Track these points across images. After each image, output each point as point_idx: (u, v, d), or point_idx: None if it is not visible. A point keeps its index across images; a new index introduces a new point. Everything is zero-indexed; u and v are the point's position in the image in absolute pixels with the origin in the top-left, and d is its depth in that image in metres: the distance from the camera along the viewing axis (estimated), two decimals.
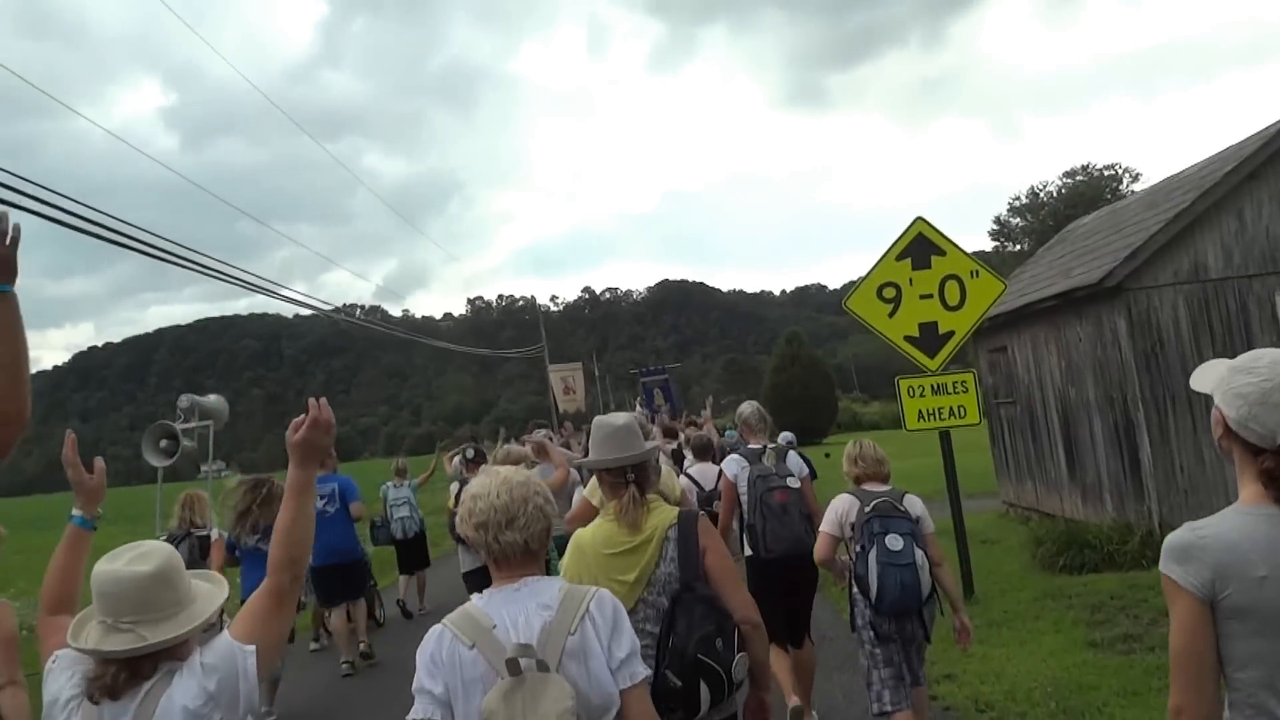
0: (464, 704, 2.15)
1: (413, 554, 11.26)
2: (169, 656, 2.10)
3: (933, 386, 9.43)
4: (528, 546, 2.32)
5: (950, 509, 9.57)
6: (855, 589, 4.68)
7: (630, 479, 3.14)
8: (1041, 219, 63.41)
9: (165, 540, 5.75)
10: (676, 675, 2.79)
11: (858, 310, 9.63)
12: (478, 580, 7.29)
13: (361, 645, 8.95)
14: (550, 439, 9.91)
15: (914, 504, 4.67)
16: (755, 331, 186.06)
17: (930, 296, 9.31)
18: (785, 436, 11.60)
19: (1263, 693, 1.83)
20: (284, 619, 2.29)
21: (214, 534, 6.87)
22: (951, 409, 9.39)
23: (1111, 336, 10.22)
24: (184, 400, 9.61)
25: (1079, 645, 7.37)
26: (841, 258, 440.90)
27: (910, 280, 9.36)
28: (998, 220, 68.58)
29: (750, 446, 5.93)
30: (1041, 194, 65.43)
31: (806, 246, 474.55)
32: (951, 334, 9.34)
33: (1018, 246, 68.06)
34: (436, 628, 2.28)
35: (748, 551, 5.71)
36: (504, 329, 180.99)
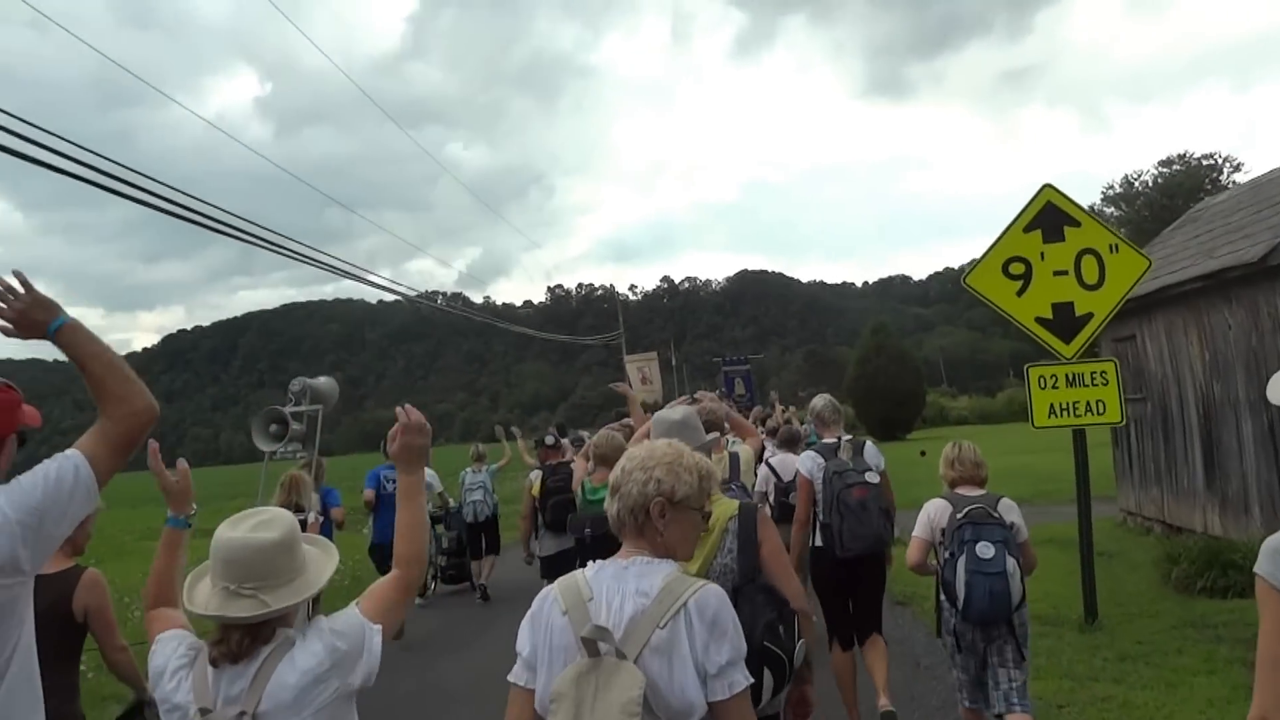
0: (548, 670, 2.14)
1: (484, 537, 11.59)
2: (283, 622, 2.16)
3: (1068, 377, 8.18)
4: (620, 518, 2.29)
5: (1079, 521, 8.32)
6: (942, 595, 4.61)
7: None
8: (1137, 209, 60.88)
9: None
10: None
11: (980, 288, 8.43)
12: (551, 565, 7.71)
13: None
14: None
15: (1009, 509, 4.57)
16: (835, 323, 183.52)
17: (1065, 273, 8.09)
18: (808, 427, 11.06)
19: None
20: (403, 608, 2.45)
21: (311, 517, 7.15)
22: (1089, 404, 8.12)
23: (1271, 324, 8.83)
24: (296, 383, 9.70)
25: (1243, 692, 6.00)
26: (925, 249, 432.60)
27: (1042, 255, 8.15)
28: (1090, 210, 65.74)
29: (825, 441, 5.81)
30: (1136, 183, 62.61)
31: (889, 237, 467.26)
32: (1090, 316, 8.09)
33: None
34: (548, 587, 2.28)
35: (817, 542, 5.67)
36: (583, 317, 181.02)
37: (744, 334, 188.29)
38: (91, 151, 8.51)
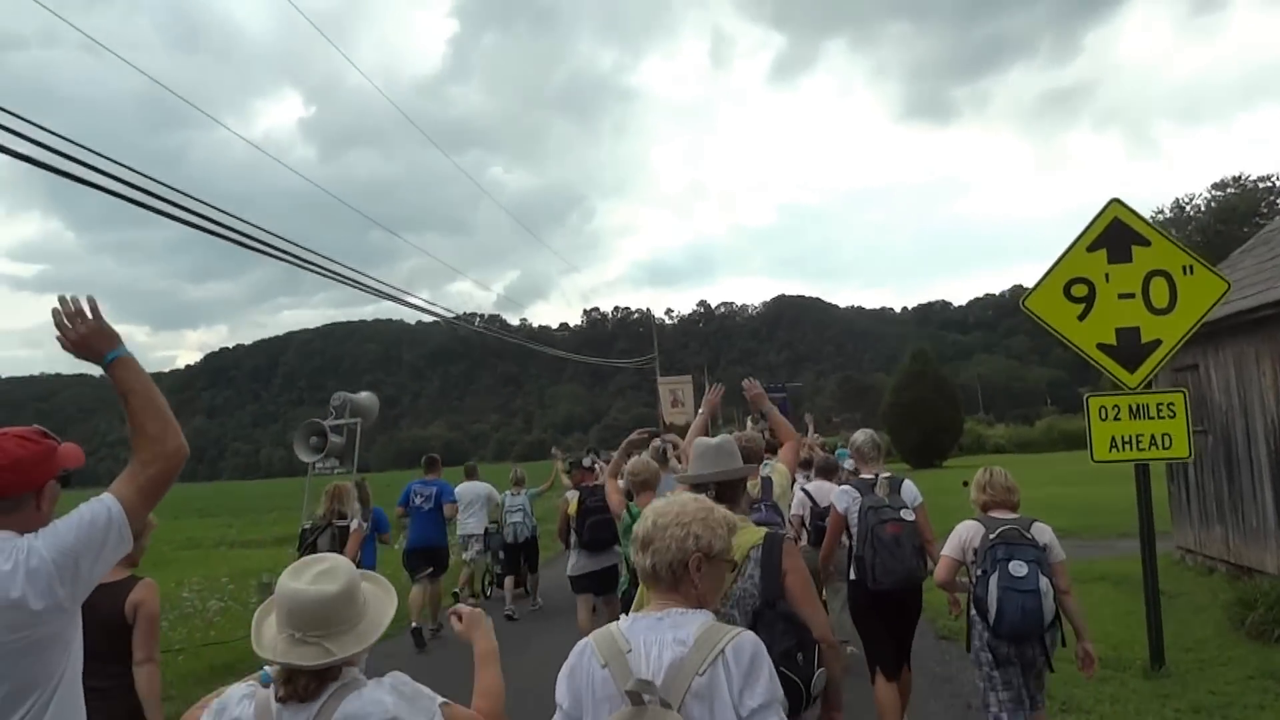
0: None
1: (522, 557, 11.93)
2: (348, 661, 2.21)
3: (1131, 408, 7.58)
4: (655, 572, 2.35)
5: (1143, 560, 7.70)
6: (974, 612, 4.66)
7: (710, 494, 3.17)
8: (1188, 234, 59.66)
9: (310, 528, 7.04)
10: None
11: (1039, 311, 7.85)
12: (580, 583, 8.19)
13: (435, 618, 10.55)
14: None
15: (1042, 532, 4.63)
16: (873, 349, 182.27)
17: (1131, 296, 7.52)
18: (842, 454, 10.93)
19: None
20: None
21: (353, 524, 7.27)
22: (1154, 438, 7.52)
23: None
24: (337, 397, 9.91)
25: None
26: (966, 274, 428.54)
27: (1106, 276, 7.59)
28: None
29: (863, 477, 5.83)
30: (1188, 207, 61.44)
31: (929, 262, 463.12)
32: (1158, 343, 7.50)
33: None
34: (583, 640, 2.36)
35: (852, 576, 5.69)
36: (617, 340, 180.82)
37: (779, 359, 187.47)
38: (139, 173, 8.68)
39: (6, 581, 2.20)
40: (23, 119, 7.27)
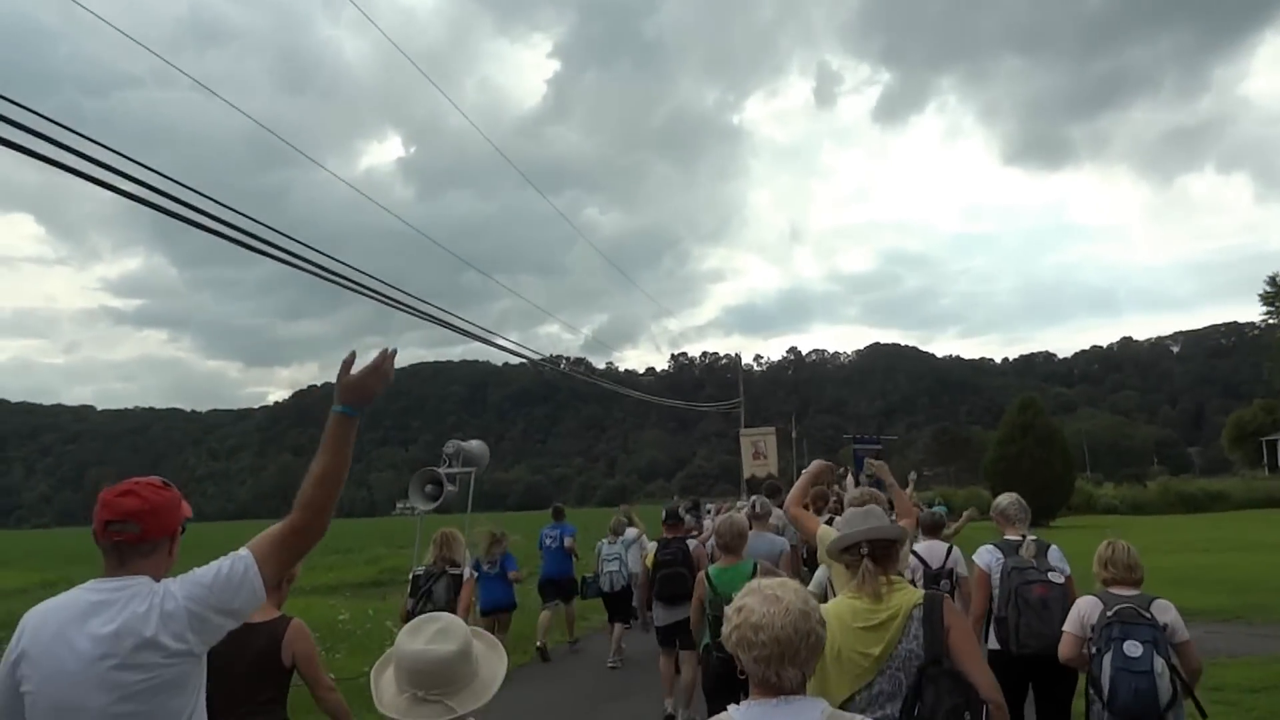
0: None
1: (618, 606, 12.06)
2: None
3: None
4: (804, 678, 2.30)
5: None
6: (1091, 691, 4.53)
7: (864, 553, 3.25)
8: None
9: (422, 574, 7.25)
10: None
11: None
12: (667, 634, 8.32)
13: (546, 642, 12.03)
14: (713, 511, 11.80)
15: (1164, 610, 4.53)
16: (970, 401, 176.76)
17: None
18: (939, 510, 9.96)
19: None
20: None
21: (466, 573, 7.30)
22: None
23: None
24: (450, 446, 10.04)
25: None
26: (1073, 325, 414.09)
27: None
28: (1274, 281, 60.07)
29: (1007, 538, 5.70)
30: None
31: (1034, 312, 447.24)
32: None
33: None
34: None
35: (994, 644, 5.48)
36: (704, 386, 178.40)
37: (870, 409, 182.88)
38: (240, 212, 8.92)
39: (141, 622, 2.32)
40: (130, 159, 7.36)
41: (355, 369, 2.55)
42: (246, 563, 2.41)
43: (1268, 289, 60.83)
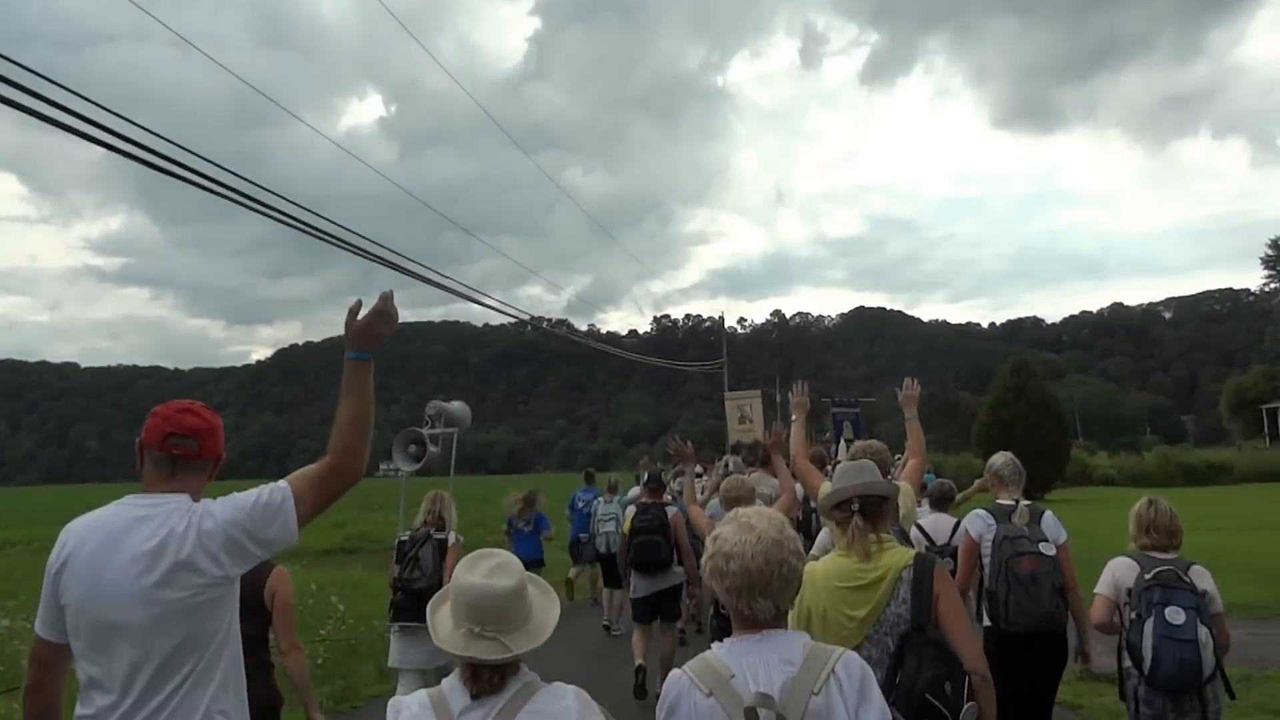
0: None
1: (615, 569, 11.42)
2: (520, 660, 2.30)
3: None
4: (779, 610, 2.29)
5: None
6: (1128, 660, 4.40)
7: (854, 509, 3.18)
8: None
9: (407, 540, 6.92)
10: (902, 713, 2.75)
11: None
12: (641, 607, 8.26)
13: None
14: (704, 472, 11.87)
15: (1201, 576, 4.37)
16: (957, 366, 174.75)
17: None
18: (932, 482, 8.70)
19: None
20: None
21: (451, 538, 6.87)
22: None
23: None
24: (431, 407, 9.70)
25: None
26: (1062, 290, 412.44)
27: None
28: (1275, 245, 57.58)
29: (1000, 502, 5.38)
30: None
31: (1023, 276, 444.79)
32: None
33: None
34: (675, 673, 2.32)
35: (986, 621, 5.23)
36: (687, 349, 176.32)
37: (855, 374, 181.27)
38: (226, 169, 9.04)
39: (179, 541, 2.37)
40: (113, 113, 7.44)
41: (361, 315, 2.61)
42: (285, 494, 2.47)
43: (1269, 252, 58.53)
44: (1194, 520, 20.87)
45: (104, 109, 7.40)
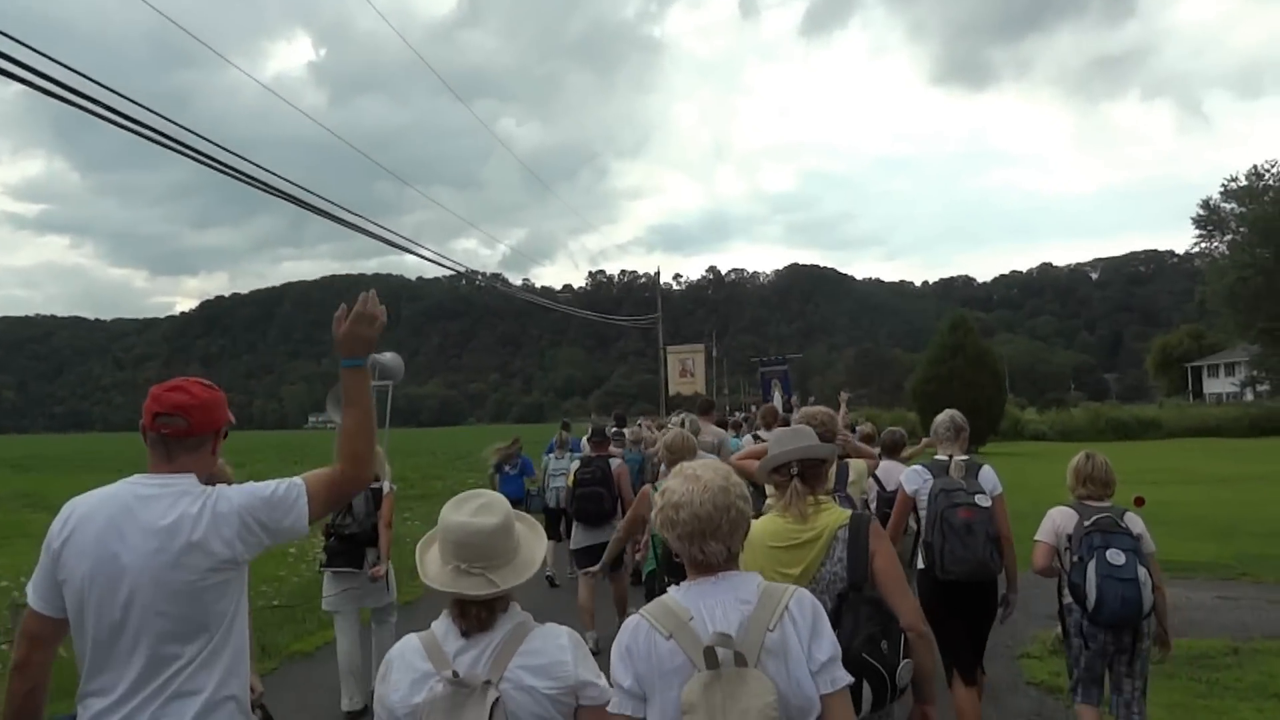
0: (660, 696, 2.17)
1: (555, 524, 11.63)
2: (509, 596, 2.33)
3: None
4: (730, 552, 2.32)
5: None
6: (1069, 599, 4.68)
7: (793, 473, 3.19)
8: (1264, 205, 53.46)
9: None
10: None
11: None
12: (583, 557, 8.16)
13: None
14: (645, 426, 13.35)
15: (1134, 522, 4.66)
16: (890, 324, 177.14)
17: None
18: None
19: None
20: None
21: (386, 487, 6.96)
22: None
23: None
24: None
25: None
26: (992, 250, 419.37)
27: None
28: (1207, 205, 58.35)
29: (937, 458, 5.48)
30: (1268, 175, 54.87)
31: (955, 236, 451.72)
32: None
33: (1228, 237, 57.97)
34: (633, 618, 2.31)
35: (920, 565, 5.38)
36: (622, 305, 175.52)
37: (789, 330, 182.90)
38: (151, 110, 8.82)
39: (192, 523, 2.36)
40: (30, 48, 7.19)
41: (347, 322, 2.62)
42: (299, 490, 2.50)
43: (1200, 212, 59.27)
44: (1133, 474, 20.86)
45: (19, 42, 7.14)
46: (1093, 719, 4.74)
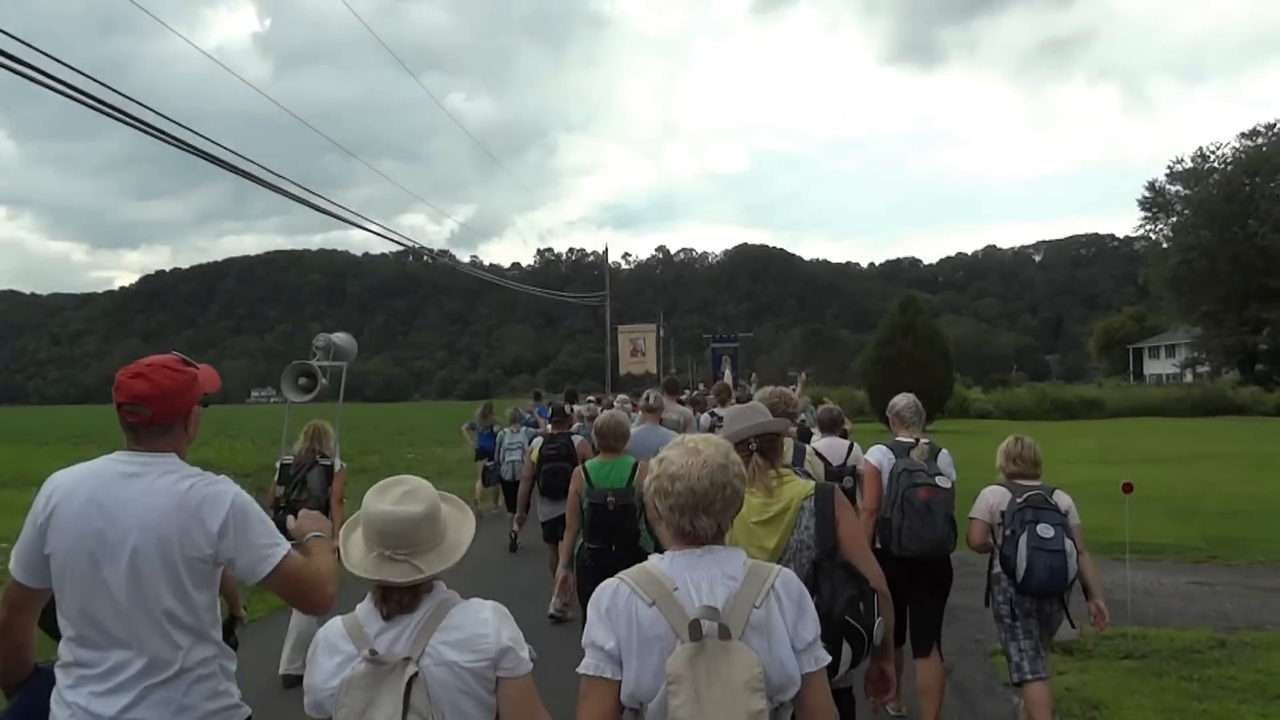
0: (638, 661, 2.15)
1: (514, 496, 12.05)
2: (435, 579, 2.33)
3: None
4: (720, 529, 2.32)
5: None
6: (998, 569, 4.93)
7: (753, 449, 3.24)
8: (1208, 187, 53.95)
9: (292, 463, 7.24)
10: (823, 636, 2.64)
11: None
12: (553, 528, 8.32)
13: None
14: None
15: (1062, 499, 4.93)
16: (837, 304, 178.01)
17: None
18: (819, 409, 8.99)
19: None
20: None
21: (337, 465, 7.21)
22: None
23: None
24: (320, 339, 9.57)
25: None
26: (938, 231, 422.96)
27: None
28: (1153, 187, 58.86)
29: (900, 440, 5.62)
30: (1213, 157, 55.32)
31: (902, 217, 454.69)
32: None
33: (1172, 219, 58.52)
34: (611, 581, 2.27)
35: (875, 544, 5.32)
36: (570, 283, 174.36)
37: (738, 310, 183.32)
38: (90, 77, 8.77)
39: (179, 500, 2.42)
40: None
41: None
42: (276, 558, 2.51)
43: (1146, 194, 59.78)
44: (1078, 452, 20.60)
45: None
46: (1044, 696, 4.88)
